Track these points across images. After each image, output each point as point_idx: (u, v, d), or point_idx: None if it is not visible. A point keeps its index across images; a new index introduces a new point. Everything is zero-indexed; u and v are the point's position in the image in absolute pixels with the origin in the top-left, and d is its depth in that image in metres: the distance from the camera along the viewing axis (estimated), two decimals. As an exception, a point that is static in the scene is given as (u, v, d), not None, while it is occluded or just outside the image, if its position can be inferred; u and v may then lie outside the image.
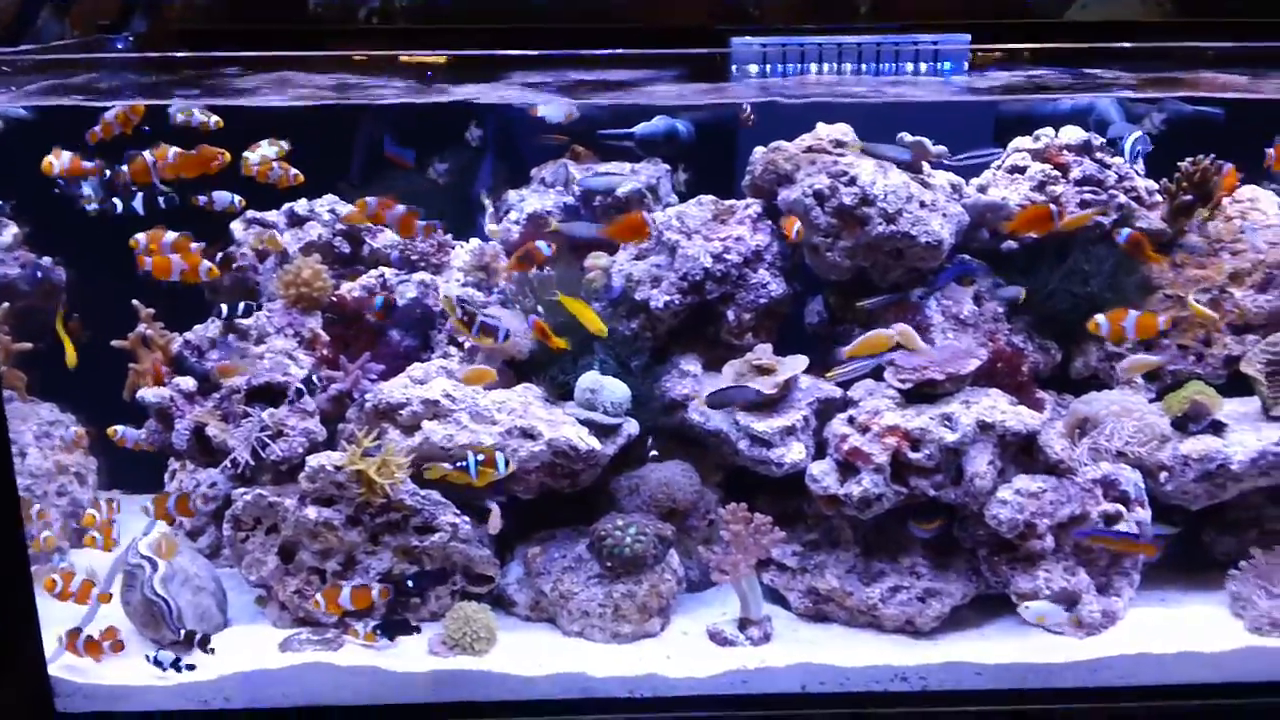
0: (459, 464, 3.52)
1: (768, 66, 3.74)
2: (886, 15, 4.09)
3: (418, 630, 3.57)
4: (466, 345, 3.97)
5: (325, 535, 3.64)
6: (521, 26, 3.97)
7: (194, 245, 3.79)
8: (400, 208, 3.85)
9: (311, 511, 3.63)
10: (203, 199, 4.13)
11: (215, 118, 3.91)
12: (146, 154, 3.55)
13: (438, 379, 3.82)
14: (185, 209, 4.09)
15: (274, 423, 3.74)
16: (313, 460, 3.66)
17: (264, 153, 3.82)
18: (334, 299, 4.05)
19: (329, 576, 3.67)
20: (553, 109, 4.34)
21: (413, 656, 3.53)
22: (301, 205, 4.31)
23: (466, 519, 3.68)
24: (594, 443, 3.69)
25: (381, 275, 4.12)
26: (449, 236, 4.30)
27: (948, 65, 3.78)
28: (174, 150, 3.62)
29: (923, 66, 3.77)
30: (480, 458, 3.50)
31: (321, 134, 4.23)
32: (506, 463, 3.53)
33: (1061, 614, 3.58)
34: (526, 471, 3.67)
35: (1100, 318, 3.68)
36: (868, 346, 3.73)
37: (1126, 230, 3.95)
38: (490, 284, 4.11)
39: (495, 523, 3.63)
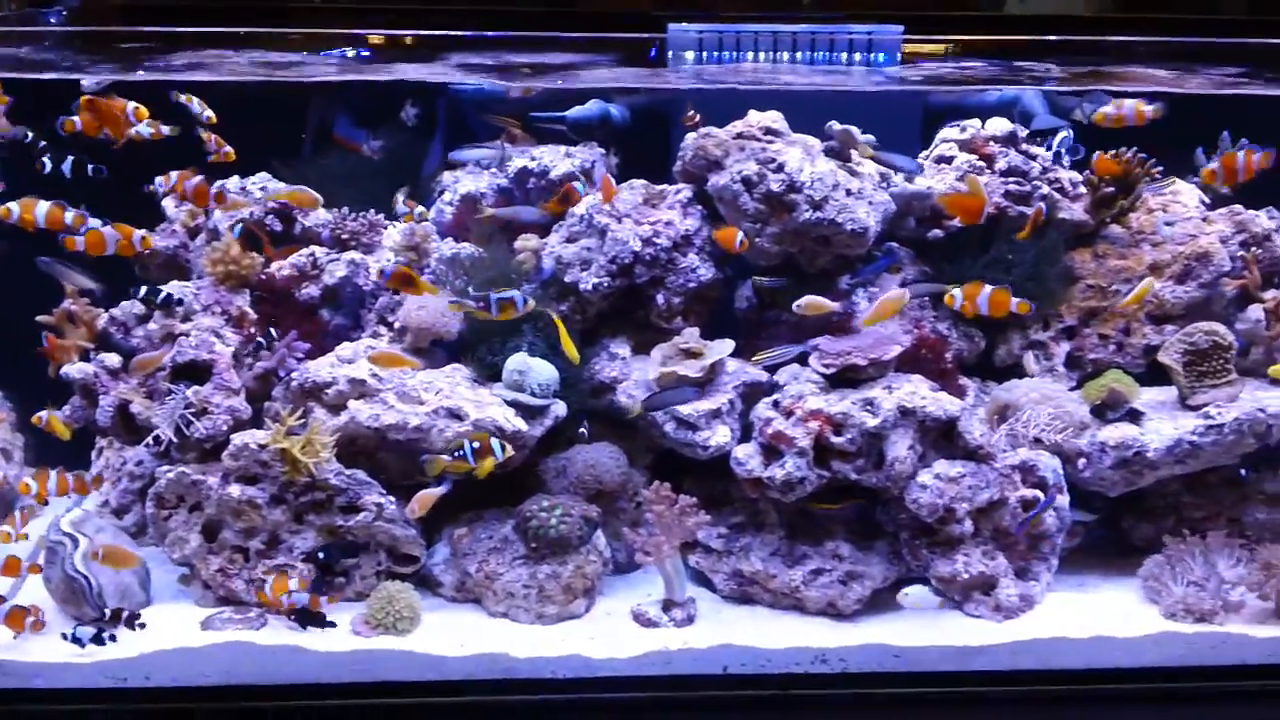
0: (456, 453, 3.53)
1: (704, 53, 3.78)
2: (830, 5, 4.13)
3: (332, 625, 3.53)
4: (397, 325, 3.97)
5: (249, 514, 3.63)
6: (461, 8, 3.98)
7: (70, 213, 3.71)
8: (196, 178, 3.86)
9: (235, 490, 3.62)
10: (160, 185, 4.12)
11: (209, 111, 3.95)
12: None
13: (364, 358, 3.81)
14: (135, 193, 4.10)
15: (198, 400, 3.72)
16: (236, 438, 3.65)
17: (140, 130, 3.79)
18: (262, 277, 4.02)
19: (252, 555, 3.67)
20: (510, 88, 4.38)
21: (335, 636, 3.52)
22: (233, 183, 4.27)
23: (392, 499, 3.69)
24: (521, 424, 3.70)
25: (312, 254, 4.09)
26: (380, 216, 4.28)
27: (882, 56, 3.84)
28: (132, 105, 3.62)
29: (857, 56, 3.82)
30: (476, 444, 3.52)
31: (258, 111, 4.21)
32: (503, 447, 3.55)
33: (933, 599, 3.64)
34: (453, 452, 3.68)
35: (955, 291, 3.75)
36: (883, 312, 3.78)
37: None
38: (421, 264, 4.10)
39: (414, 507, 3.63)
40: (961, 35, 4.01)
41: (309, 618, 3.51)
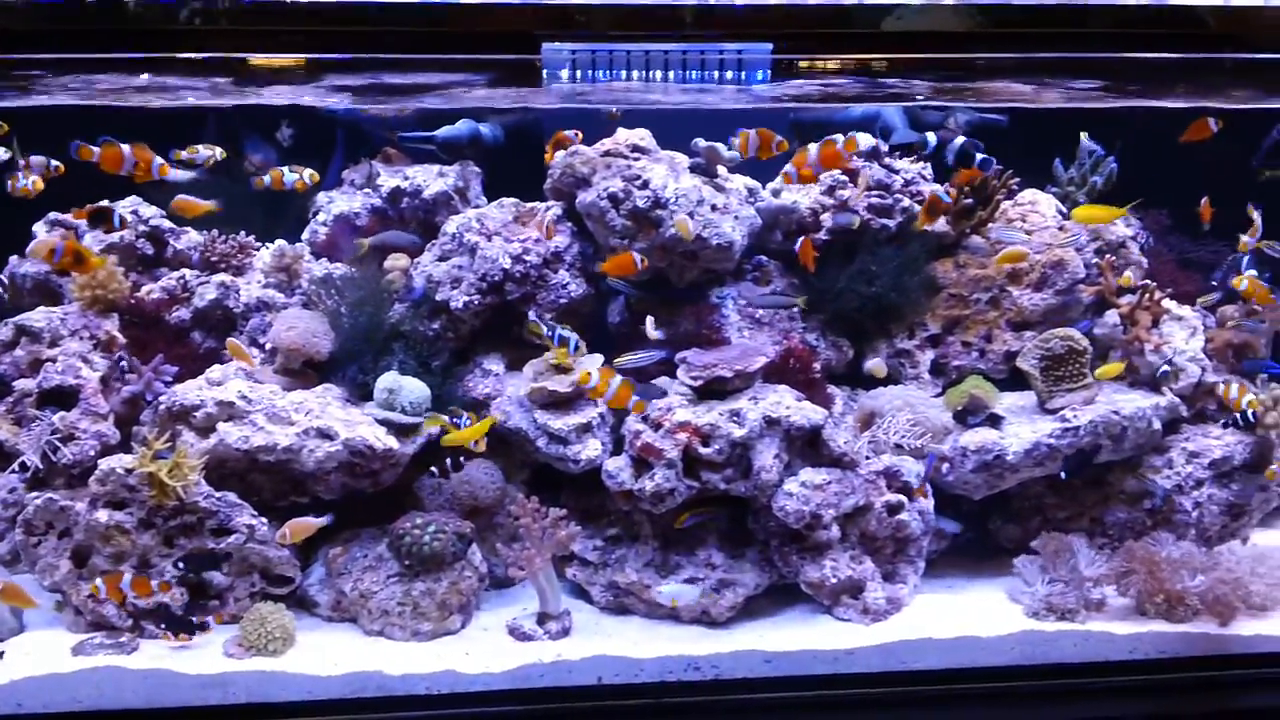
0: (453, 419, 3.71)
1: (578, 72, 3.81)
2: (710, 25, 4.19)
3: (204, 629, 3.55)
4: (268, 346, 3.97)
5: (117, 538, 3.61)
6: (336, 30, 3.98)
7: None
8: None
9: (103, 515, 3.60)
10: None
11: (219, 150, 4.07)
12: None
13: (234, 380, 3.82)
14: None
15: (65, 426, 3.69)
16: (103, 463, 3.63)
17: None
18: (132, 301, 4.01)
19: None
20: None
21: (207, 658, 3.51)
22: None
23: (264, 520, 3.68)
24: (391, 442, 3.72)
25: (182, 276, 4.09)
26: (252, 238, 4.29)
27: (760, 74, 3.90)
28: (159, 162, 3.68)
29: (729, 75, 3.87)
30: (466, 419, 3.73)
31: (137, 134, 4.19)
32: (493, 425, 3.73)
33: (694, 595, 3.72)
34: (325, 472, 3.69)
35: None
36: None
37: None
38: (292, 285, 4.11)
39: (285, 533, 3.63)
40: (838, 53, 4.09)
41: (177, 623, 3.51)
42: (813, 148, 3.79)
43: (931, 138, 4.23)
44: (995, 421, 3.97)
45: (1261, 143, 4.55)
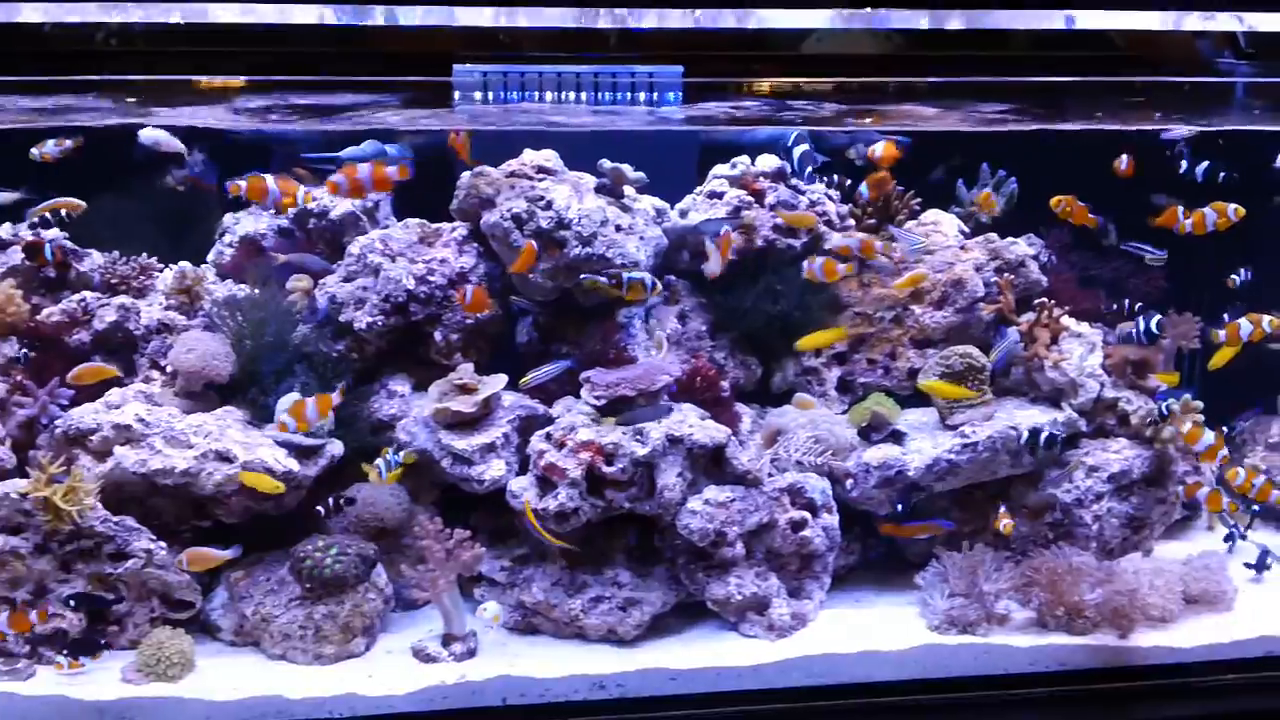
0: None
1: (490, 94, 3.82)
2: (633, 47, 4.21)
3: (106, 647, 3.52)
4: (168, 369, 3.93)
5: (12, 564, 3.55)
6: (250, 50, 3.96)
7: None
8: None
9: (-3, 540, 3.55)
10: None
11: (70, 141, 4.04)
12: None
13: (132, 403, 3.77)
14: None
15: (-42, 451, 3.65)
16: (-2, 487, 3.58)
17: None
18: (32, 324, 3.96)
19: (19, 606, 3.58)
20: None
21: (105, 685, 3.46)
22: (5, 229, 4.20)
23: (163, 545, 3.64)
24: (292, 464, 3.70)
25: (83, 299, 4.04)
26: (154, 260, 4.25)
27: (671, 95, 3.92)
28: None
29: (642, 96, 3.89)
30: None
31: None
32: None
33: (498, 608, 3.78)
34: (226, 495, 3.66)
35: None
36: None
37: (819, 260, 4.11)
38: (194, 307, 4.08)
39: (184, 559, 3.59)
40: (749, 76, 4.12)
41: (80, 647, 3.47)
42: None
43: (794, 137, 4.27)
44: (898, 438, 4.03)
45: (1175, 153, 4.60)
